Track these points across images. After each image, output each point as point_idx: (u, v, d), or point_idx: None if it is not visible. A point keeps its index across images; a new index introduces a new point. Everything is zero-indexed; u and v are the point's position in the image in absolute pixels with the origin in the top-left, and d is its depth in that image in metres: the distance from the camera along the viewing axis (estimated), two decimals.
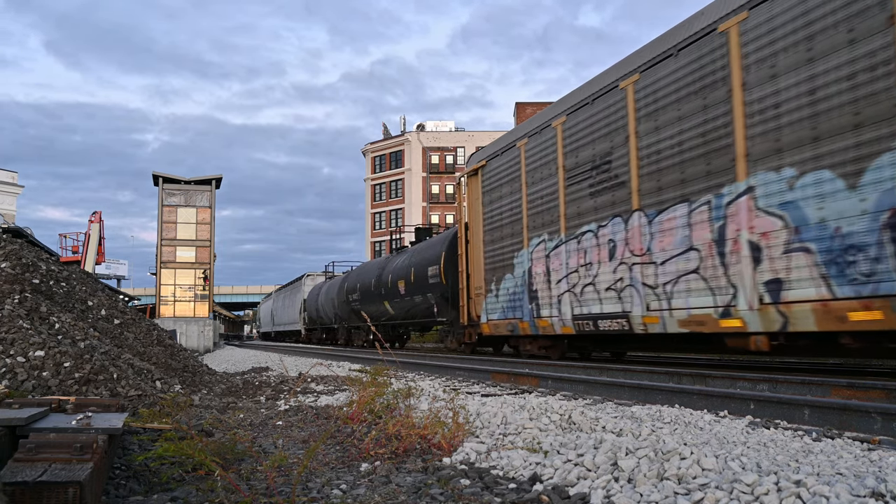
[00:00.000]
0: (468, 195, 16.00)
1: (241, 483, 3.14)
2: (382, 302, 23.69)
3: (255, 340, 72.12)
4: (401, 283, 21.44)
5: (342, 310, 29.27)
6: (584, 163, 11.26)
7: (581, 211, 11.31)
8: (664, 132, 9.38)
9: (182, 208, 34.38)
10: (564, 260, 11.74)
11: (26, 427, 2.96)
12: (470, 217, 15.86)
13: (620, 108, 10.37)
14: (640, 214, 9.81)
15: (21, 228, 16.86)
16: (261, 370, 13.45)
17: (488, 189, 14.86)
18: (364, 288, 25.99)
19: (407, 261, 21.59)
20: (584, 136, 11.29)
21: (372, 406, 4.55)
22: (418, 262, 20.23)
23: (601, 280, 10.65)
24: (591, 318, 10.88)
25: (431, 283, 18.85)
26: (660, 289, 9.30)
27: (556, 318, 11.91)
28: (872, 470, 3.00)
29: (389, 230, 56.80)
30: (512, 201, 13.75)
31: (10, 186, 45.81)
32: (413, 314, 21.34)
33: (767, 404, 5.45)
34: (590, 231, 11.02)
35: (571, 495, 2.78)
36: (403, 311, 22.02)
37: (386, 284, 23.14)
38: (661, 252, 9.32)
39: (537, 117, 13.15)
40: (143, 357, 8.08)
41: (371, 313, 25.21)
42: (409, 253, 22.43)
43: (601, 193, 10.77)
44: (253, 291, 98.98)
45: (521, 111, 63.37)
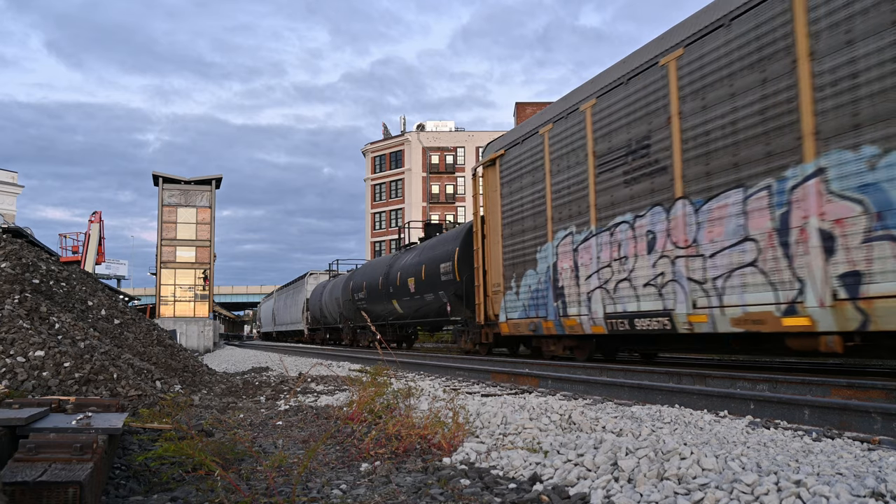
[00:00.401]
0: (484, 187, 15.05)
1: (241, 483, 3.14)
2: (390, 301, 22.79)
3: (255, 340, 71.99)
4: (410, 281, 20.57)
5: (347, 309, 28.35)
6: (617, 148, 10.34)
7: (614, 200, 10.40)
8: (713, 111, 8.55)
9: (182, 208, 34.38)
10: (595, 254, 10.86)
11: (26, 427, 2.96)
12: (486, 210, 14.95)
13: (661, 86, 9.48)
14: (684, 203, 8.98)
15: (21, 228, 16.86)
16: (261, 370, 13.46)
17: (507, 180, 13.94)
18: (371, 286, 25.05)
19: (417, 258, 20.65)
20: (617, 119, 10.37)
21: (372, 406, 4.55)
22: (429, 258, 19.30)
23: (638, 275, 9.81)
24: (626, 316, 10.06)
25: (444, 281, 17.92)
26: (708, 284, 8.51)
27: (586, 317, 11.06)
28: (872, 470, 3.00)
29: (397, 227, 56.71)
30: (534, 192, 12.83)
31: (10, 186, 45.82)
32: (424, 313, 20.48)
33: (767, 404, 5.45)
34: (625, 222, 10.13)
35: (571, 495, 2.78)
36: (413, 311, 21.20)
37: (394, 283, 22.22)
38: (709, 244, 8.52)
39: (563, 101, 12.18)
40: (143, 357, 8.08)
41: (378, 313, 24.43)
42: (418, 250, 21.42)
43: (638, 181, 9.88)
44: (253, 291, 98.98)
45: (521, 111, 63.39)
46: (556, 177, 12.14)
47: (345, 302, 28.61)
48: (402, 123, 65.49)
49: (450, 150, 61.88)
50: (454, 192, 61.31)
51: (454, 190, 61.33)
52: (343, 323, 29.71)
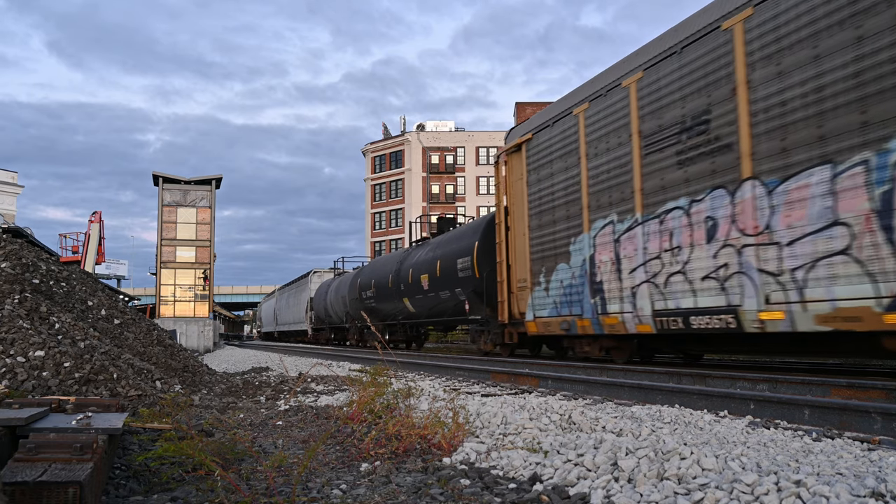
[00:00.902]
0: (508, 175, 13.94)
1: (241, 483, 3.14)
2: (401, 299, 21.60)
3: (255, 340, 71.84)
4: (424, 278, 19.38)
5: (354, 308, 27.07)
6: (669, 126, 9.33)
7: (665, 184, 9.38)
8: (792, 78, 7.55)
9: (182, 208, 34.40)
10: (641, 244, 9.83)
11: (26, 427, 2.96)
12: (511, 200, 13.82)
13: (723, 53, 8.47)
14: (754, 184, 7.99)
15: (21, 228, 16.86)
16: (261, 370, 13.46)
17: (535, 166, 12.82)
18: (380, 284, 23.80)
19: (431, 253, 19.42)
20: (668, 94, 9.38)
21: (372, 406, 4.55)
22: (445, 254, 18.12)
23: (695, 267, 8.81)
24: (679, 314, 9.04)
25: (461, 278, 16.78)
26: (786, 276, 7.51)
27: (630, 315, 10.05)
28: (872, 470, 3.00)
29: (398, 226, 56.70)
30: (567, 178, 11.78)
31: (10, 186, 45.82)
32: (438, 312, 19.29)
33: (767, 404, 5.45)
34: (678, 208, 9.13)
35: (571, 495, 2.78)
36: (426, 309, 20.00)
37: (405, 280, 20.99)
38: (787, 230, 7.54)
39: (601, 77, 11.15)
40: (143, 357, 8.08)
41: (387, 312, 23.45)
42: (432, 245, 20.14)
43: (694, 161, 8.88)
44: (253, 291, 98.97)
45: (521, 111, 63.38)
46: (594, 161, 11.06)
47: (351, 301, 27.41)
48: (402, 123, 65.51)
49: (450, 150, 61.88)
50: (454, 192, 61.32)
51: (454, 190, 61.33)
52: (349, 323, 28.67)
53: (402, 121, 65.53)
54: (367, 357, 16.62)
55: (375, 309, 24.40)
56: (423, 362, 13.25)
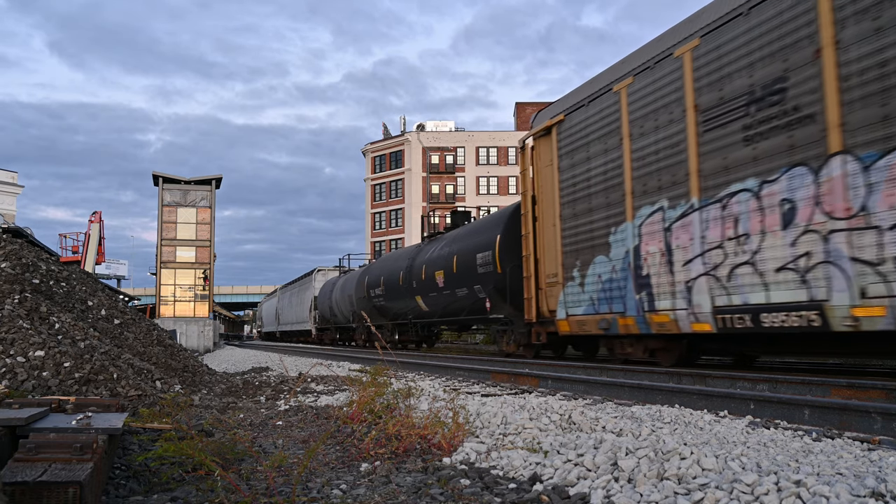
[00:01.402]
0: (535, 161, 12.94)
1: (241, 483, 3.14)
2: (413, 297, 20.40)
3: (255, 340, 71.69)
4: (438, 275, 18.23)
5: (361, 307, 25.78)
6: (733, 97, 8.38)
7: (728, 164, 8.41)
8: (894, 34, 6.54)
9: (182, 208, 34.41)
10: (698, 232, 8.83)
11: (26, 427, 2.96)
12: (538, 188, 12.77)
13: (803, 12, 7.56)
14: (844, 159, 7.02)
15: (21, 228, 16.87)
16: (261, 370, 13.46)
17: (568, 150, 11.78)
18: (389, 282, 22.52)
19: (446, 249, 18.33)
20: (732, 62, 8.41)
21: (372, 406, 4.55)
22: (462, 248, 16.99)
23: (767, 257, 7.83)
24: (747, 310, 8.07)
25: (481, 274, 15.64)
26: (888, 265, 6.56)
27: (684, 312, 9.04)
28: (872, 470, 3.00)
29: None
30: (606, 162, 10.72)
31: (9, 186, 45.82)
32: (454, 310, 18.09)
33: (767, 404, 5.45)
34: (745, 190, 8.16)
35: (571, 495, 2.79)
36: (441, 308, 18.83)
37: (418, 277, 19.75)
38: (888, 212, 6.57)
39: (647, 48, 10.10)
40: (143, 357, 8.08)
41: (398, 311, 22.37)
42: (446, 240, 19.01)
43: (766, 136, 7.91)
44: (253, 291, 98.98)
45: (521, 111, 63.39)
46: (639, 141, 10.00)
47: (359, 299, 26.17)
48: (402, 123, 65.52)
49: (450, 150, 61.89)
50: (454, 192, 61.32)
51: (454, 190, 61.33)
52: (357, 322, 27.29)
53: (402, 121, 65.56)
54: (368, 357, 16.62)
55: (384, 308, 23.41)
56: (423, 362, 13.25)
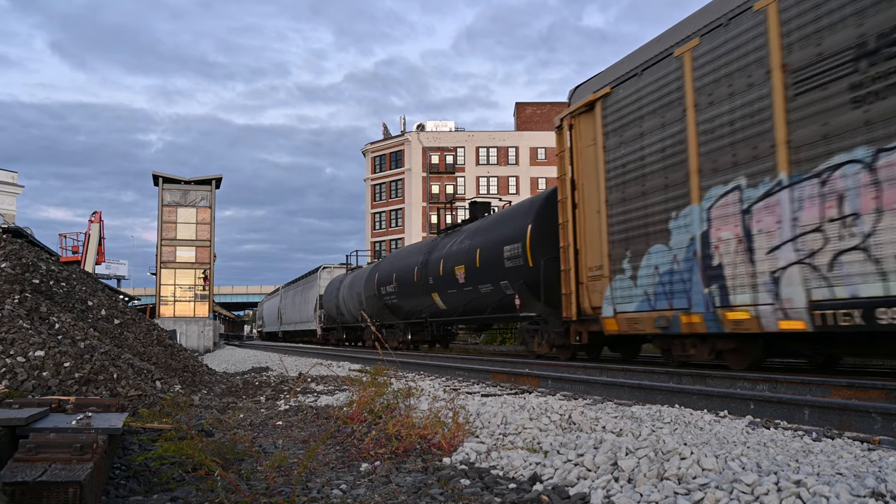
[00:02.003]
0: (575, 141, 11.73)
1: (241, 483, 3.14)
2: (429, 294, 19.01)
3: (255, 341, 71.54)
4: (458, 270, 16.90)
5: (371, 306, 24.45)
6: (834, 53, 7.21)
7: (830, 131, 7.25)
8: None
9: (182, 208, 34.42)
10: (788, 214, 7.69)
11: (26, 427, 2.96)
12: (579, 171, 11.59)
13: None
14: None
15: (21, 228, 16.87)
16: (261, 370, 13.46)
17: (616, 126, 10.57)
18: (402, 279, 21.09)
19: (467, 242, 16.94)
20: (833, 10, 7.24)
21: (372, 406, 4.55)
22: (487, 241, 15.67)
23: (884, 241, 6.67)
24: (857, 304, 6.93)
25: (509, 268, 14.31)
26: None
27: (769, 308, 7.87)
28: (872, 470, 3.00)
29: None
30: (664, 138, 9.54)
31: (9, 186, 45.82)
32: (476, 308, 16.68)
33: (767, 404, 5.45)
34: (853, 161, 7.03)
35: (571, 495, 2.79)
36: (461, 305, 17.46)
37: (435, 273, 18.43)
38: None
39: (717, 5, 8.87)
40: (143, 357, 8.08)
41: (411, 309, 21.13)
42: (467, 232, 17.64)
43: (883, 96, 6.73)
44: (253, 291, 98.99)
45: (521, 111, 63.38)
46: (708, 111, 8.83)
47: (368, 298, 24.78)
48: (402, 123, 65.52)
49: (450, 150, 61.89)
50: (454, 192, 61.31)
51: (454, 190, 61.33)
52: (366, 321, 25.57)
53: (402, 121, 65.56)
54: (368, 357, 16.63)
55: (397, 306, 22.18)
56: (424, 362, 13.25)
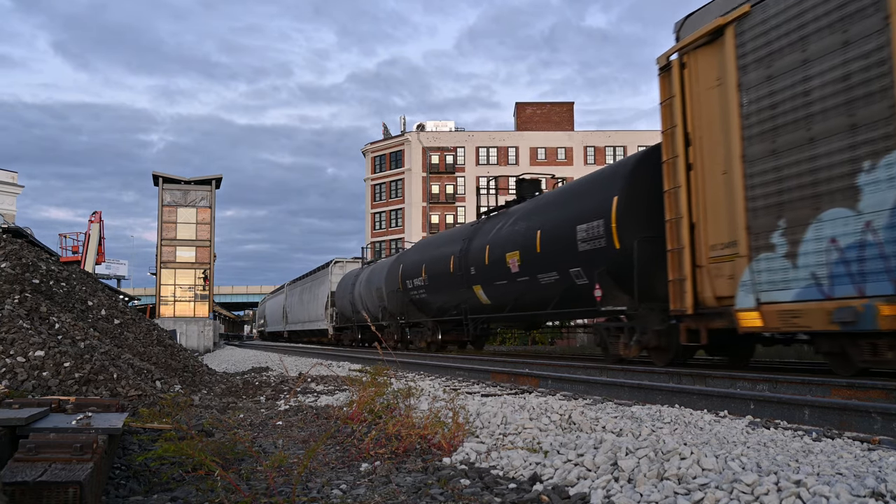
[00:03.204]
0: (688, 85, 9.36)
1: (241, 483, 3.14)
2: (469, 287, 16.43)
3: (254, 340, 71.31)
4: (511, 258, 14.19)
5: (394, 302, 21.96)
6: None
7: None
8: None
9: (182, 208, 34.43)
10: None
11: (26, 427, 2.96)
12: (694, 122, 9.23)
13: None
14: None
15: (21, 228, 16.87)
16: (261, 370, 13.46)
17: (760, 56, 8.19)
18: (434, 271, 18.53)
19: (522, 224, 14.27)
20: None
21: (372, 406, 4.55)
22: (552, 221, 13.06)
23: None
24: None
25: (585, 252, 11.71)
26: None
27: None
28: (872, 470, 3.00)
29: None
30: (847, 61, 7.20)
31: (9, 186, 45.82)
32: (534, 302, 14.04)
33: (767, 404, 5.45)
34: None
35: (571, 495, 2.79)
36: (513, 299, 14.84)
37: (479, 262, 15.86)
38: None
39: None
40: (143, 357, 8.08)
41: (443, 305, 18.62)
42: (519, 213, 14.94)
43: None
44: (253, 291, 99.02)
45: (521, 111, 63.38)
46: None
47: (391, 293, 22.26)
48: (402, 123, 65.51)
49: (450, 150, 61.89)
50: (454, 192, 61.32)
51: (454, 190, 61.34)
52: (388, 319, 23.04)
53: (402, 121, 65.55)
54: (368, 357, 16.62)
55: (425, 302, 19.76)
56: (424, 362, 13.25)
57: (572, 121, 62.26)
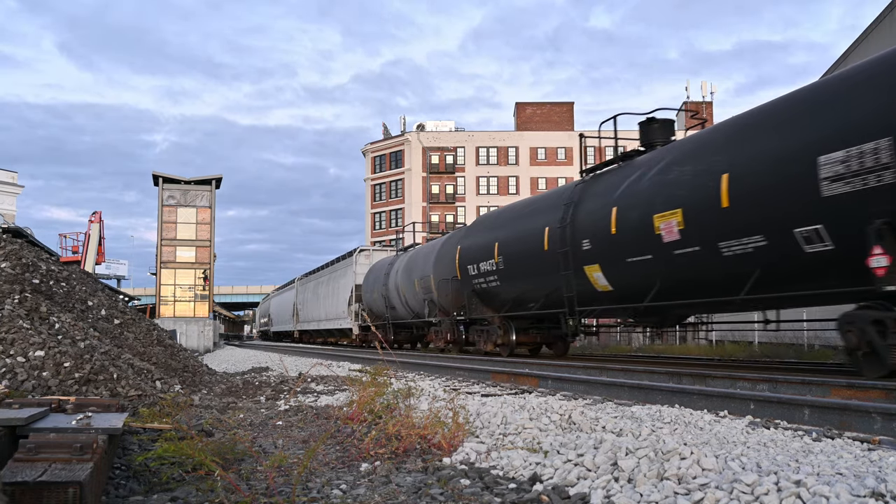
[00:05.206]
0: None
1: (241, 483, 3.14)
2: (577, 269, 11.84)
3: (254, 341, 71.18)
4: (665, 221, 9.63)
5: (448, 294, 17.61)
6: None
7: None
8: None
9: (182, 208, 34.45)
10: None
11: (26, 427, 2.96)
12: None
13: None
14: None
15: (21, 228, 16.88)
16: (261, 370, 13.46)
17: None
18: (515, 250, 14.22)
19: (683, 168, 9.70)
20: None
21: (372, 406, 4.55)
22: (758, 155, 8.48)
23: None
24: None
25: (835, 197, 7.42)
26: None
27: None
28: (872, 470, 3.00)
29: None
30: None
31: (9, 186, 45.81)
32: (711, 284, 9.58)
33: (767, 404, 5.45)
34: None
35: (571, 495, 2.79)
36: (660, 281, 10.18)
37: (597, 232, 11.35)
38: None
39: None
40: (143, 357, 8.08)
41: (527, 295, 14.15)
42: (671, 156, 10.23)
43: None
44: (253, 291, 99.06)
45: (521, 111, 63.41)
46: None
47: (442, 283, 18.00)
48: (402, 123, 65.53)
49: (450, 150, 61.91)
50: (454, 192, 61.35)
51: (454, 190, 61.37)
52: (438, 315, 18.96)
53: (402, 121, 65.56)
54: (368, 357, 16.62)
55: (494, 293, 15.39)
56: (424, 362, 13.26)
57: (572, 121, 62.32)
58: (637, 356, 15.48)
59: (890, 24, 17.53)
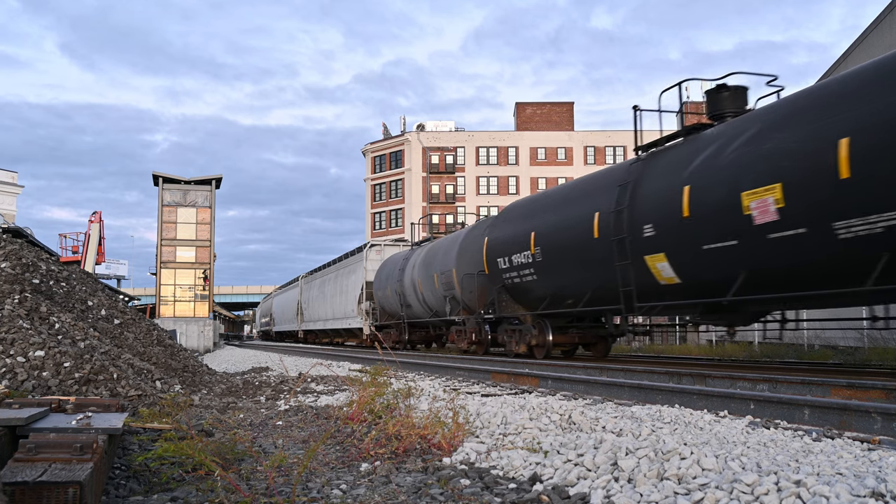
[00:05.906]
0: None
1: (241, 483, 3.14)
2: (636, 258, 10.15)
3: (254, 340, 71.11)
4: (757, 199, 7.97)
5: (473, 290, 15.98)
6: None
7: None
8: None
9: (182, 208, 34.45)
10: None
11: (26, 427, 2.96)
12: None
13: None
14: None
15: (21, 228, 16.87)
16: (261, 370, 13.46)
17: None
18: (556, 239, 12.48)
19: (780, 135, 8.03)
20: None
21: (372, 406, 4.55)
22: (880, 121, 6.84)
23: None
24: None
25: None
26: None
27: None
28: (872, 470, 3.00)
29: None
30: None
31: (9, 186, 45.81)
32: (820, 273, 7.93)
33: (767, 404, 5.45)
34: None
35: (571, 495, 2.78)
36: (745, 270, 8.55)
37: (662, 216, 9.71)
38: None
39: None
40: (143, 357, 8.08)
41: (570, 290, 12.43)
42: (760, 123, 8.49)
43: None
44: (253, 291, 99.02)
45: (521, 111, 63.41)
46: None
47: (466, 278, 16.31)
48: (402, 123, 65.52)
49: (450, 150, 61.90)
50: (454, 192, 61.33)
51: (454, 190, 61.35)
52: (461, 313, 17.29)
53: (402, 121, 65.55)
54: (368, 357, 16.62)
55: (528, 288, 13.70)
56: (423, 362, 13.26)
57: (572, 121, 62.31)
58: (637, 356, 15.49)
59: (890, 24, 17.57)
